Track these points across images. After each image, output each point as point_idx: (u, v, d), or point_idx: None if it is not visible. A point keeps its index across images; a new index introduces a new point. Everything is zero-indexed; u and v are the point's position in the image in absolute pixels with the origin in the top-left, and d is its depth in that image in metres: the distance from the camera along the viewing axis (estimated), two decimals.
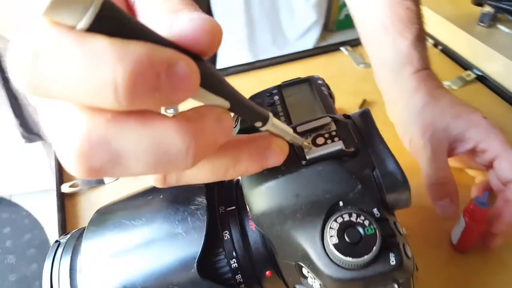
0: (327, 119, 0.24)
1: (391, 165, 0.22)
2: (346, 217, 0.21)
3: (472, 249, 0.41)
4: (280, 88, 0.31)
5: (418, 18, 0.46)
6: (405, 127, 0.43)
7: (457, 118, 0.40)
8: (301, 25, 1.92)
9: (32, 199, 1.53)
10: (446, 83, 0.61)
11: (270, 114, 0.19)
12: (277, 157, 0.20)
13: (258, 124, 0.19)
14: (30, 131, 0.73)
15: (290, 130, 0.21)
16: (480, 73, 0.61)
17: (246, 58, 1.83)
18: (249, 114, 0.18)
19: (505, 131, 0.54)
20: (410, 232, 0.43)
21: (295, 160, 0.22)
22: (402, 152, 0.51)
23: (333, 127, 0.24)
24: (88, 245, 0.27)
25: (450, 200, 0.37)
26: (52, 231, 1.45)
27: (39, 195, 1.47)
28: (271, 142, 0.20)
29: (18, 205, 1.55)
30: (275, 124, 0.20)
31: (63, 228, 0.43)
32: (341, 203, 0.22)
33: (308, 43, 1.97)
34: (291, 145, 0.23)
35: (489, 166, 0.41)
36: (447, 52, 0.66)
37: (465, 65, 0.64)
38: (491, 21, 0.63)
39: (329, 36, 2.10)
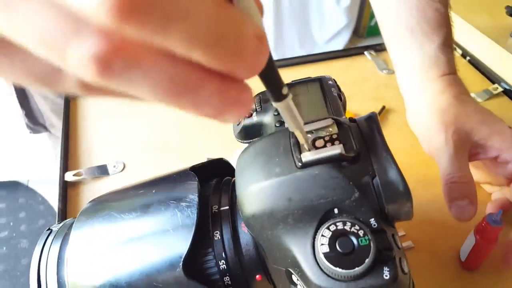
0: (329, 121, 0.22)
1: (393, 174, 0.21)
2: (340, 225, 0.20)
3: (481, 268, 0.40)
4: (289, 86, 0.30)
5: (447, 22, 0.44)
6: (426, 127, 0.41)
7: (482, 124, 0.39)
8: (330, 28, 1.90)
9: (48, 186, 1.56)
10: (471, 95, 0.59)
11: (290, 94, 0.18)
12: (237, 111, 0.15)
13: (274, 97, 0.18)
14: (35, 122, 0.73)
15: (301, 121, 0.20)
16: (507, 87, 0.59)
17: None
18: (274, 81, 0.17)
19: None
20: (417, 246, 0.41)
21: (290, 162, 0.21)
22: (419, 164, 0.49)
23: (335, 129, 0.22)
24: (77, 235, 0.27)
25: (469, 201, 0.35)
26: None
27: (56, 183, 1.50)
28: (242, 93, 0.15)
29: (34, 191, 1.58)
30: (290, 105, 0.18)
31: (63, 216, 0.43)
32: (336, 210, 0.20)
33: (337, 47, 1.94)
34: (288, 147, 0.22)
35: (510, 178, 0.39)
36: (475, 64, 0.64)
37: (492, 78, 0.61)
38: None
39: (359, 42, 2.07)
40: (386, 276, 0.19)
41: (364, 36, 2.09)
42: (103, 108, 0.57)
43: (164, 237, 0.24)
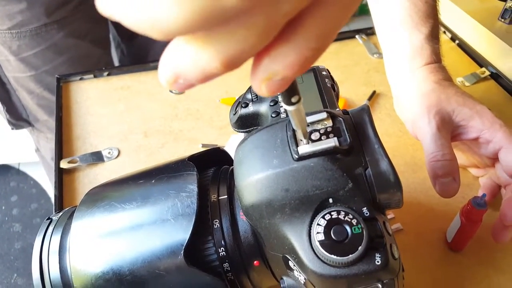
0: (324, 115, 0.23)
1: (384, 166, 0.22)
2: (334, 215, 0.21)
3: (466, 248, 0.41)
4: None
5: (434, 13, 0.45)
6: (411, 111, 0.43)
7: (463, 106, 0.40)
8: None
9: (40, 169, 1.55)
10: (459, 79, 0.60)
11: (301, 100, 0.19)
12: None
13: (287, 102, 0.19)
14: (18, 118, 0.71)
15: (306, 122, 0.22)
16: (494, 71, 0.60)
17: None
18: (290, 88, 0.18)
19: None
20: (405, 228, 0.43)
21: (287, 154, 0.22)
22: (407, 148, 0.51)
23: (330, 123, 0.23)
24: (78, 225, 0.28)
25: (452, 178, 0.37)
26: None
27: (47, 167, 1.49)
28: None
29: (26, 174, 1.57)
30: (300, 109, 0.20)
31: (60, 203, 0.43)
32: (330, 200, 0.22)
33: None
34: (285, 140, 0.23)
35: (492, 158, 0.41)
36: (463, 47, 0.65)
37: (480, 61, 0.62)
38: None
39: (351, 21, 2.07)
40: (378, 262, 0.21)
41: (356, 14, 2.08)
42: (95, 95, 0.57)
43: (166, 226, 0.25)
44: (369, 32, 0.68)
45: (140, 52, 0.76)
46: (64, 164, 0.46)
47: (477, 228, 0.39)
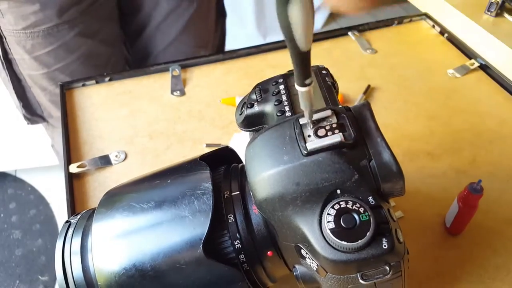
0: (329, 112, 0.25)
1: (387, 157, 0.24)
2: (343, 204, 0.23)
3: (464, 232, 0.43)
4: (285, 77, 0.32)
5: None
6: None
7: None
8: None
9: (37, 175, 1.55)
10: (450, 71, 0.62)
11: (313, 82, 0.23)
12: None
13: (300, 83, 0.22)
14: (33, 113, 0.74)
15: (313, 104, 0.24)
16: (483, 62, 0.62)
17: (255, 38, 1.83)
18: (305, 70, 0.22)
19: (504, 119, 0.55)
20: (406, 215, 0.45)
21: (296, 150, 0.24)
22: (404, 138, 0.53)
23: (334, 119, 0.25)
24: (98, 226, 0.29)
25: None
26: (57, 207, 1.48)
27: (44, 171, 1.49)
28: None
29: (23, 181, 1.57)
30: (310, 91, 0.23)
31: (72, 207, 0.45)
32: (338, 191, 0.23)
33: (316, 23, 1.96)
34: (294, 137, 0.25)
35: None
36: (453, 40, 0.67)
37: (469, 53, 0.64)
38: (499, 10, 0.63)
39: (340, 17, 2.09)
40: (385, 246, 0.22)
41: None
42: (98, 101, 0.59)
43: (184, 222, 0.26)
44: (361, 28, 0.70)
45: (142, 54, 0.78)
46: (73, 169, 0.48)
47: (474, 213, 0.41)
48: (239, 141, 0.51)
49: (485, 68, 0.62)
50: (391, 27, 0.71)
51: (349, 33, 0.69)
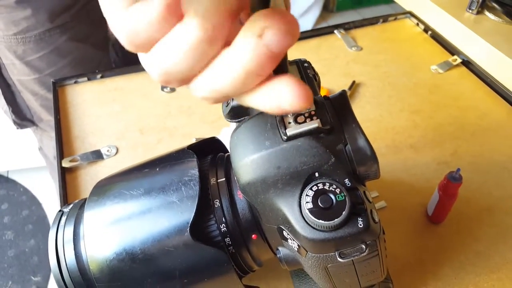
0: (311, 105, 0.26)
1: (362, 142, 0.25)
2: (320, 186, 0.24)
3: (446, 220, 0.45)
4: None
5: None
6: None
7: None
8: (301, 4, 1.93)
9: (29, 176, 1.55)
10: (433, 67, 0.64)
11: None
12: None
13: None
14: (22, 118, 0.74)
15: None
16: (465, 58, 0.64)
17: None
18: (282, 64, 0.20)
19: (485, 113, 0.57)
20: (389, 205, 0.46)
21: (277, 136, 0.25)
22: (387, 131, 0.54)
23: (313, 107, 0.26)
24: (90, 214, 0.30)
25: None
26: (50, 207, 1.48)
27: (36, 172, 1.50)
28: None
29: (15, 182, 1.57)
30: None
31: (65, 200, 0.46)
32: (316, 174, 0.25)
33: (308, 23, 1.98)
34: (274, 124, 0.26)
35: None
36: (436, 37, 0.69)
37: (452, 50, 0.66)
38: (480, 8, 0.65)
39: (329, 17, 2.11)
40: (360, 225, 0.24)
41: (334, 10, 2.12)
42: (90, 97, 0.60)
43: (172, 207, 0.28)
44: (347, 27, 0.71)
45: (130, 56, 0.79)
46: (66, 163, 0.49)
47: (454, 201, 0.43)
48: (227, 135, 0.52)
49: (467, 64, 0.64)
50: (376, 25, 0.73)
51: (335, 31, 0.70)
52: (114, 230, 0.29)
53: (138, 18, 0.17)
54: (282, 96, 0.18)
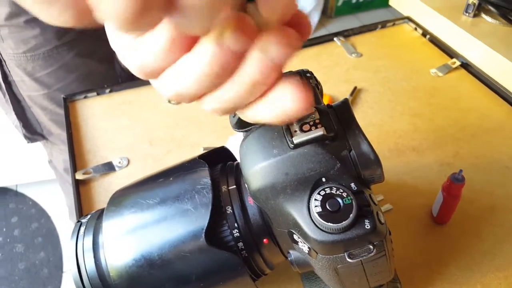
0: (312, 109, 0.28)
1: (365, 147, 0.26)
2: (328, 190, 0.25)
3: (451, 221, 0.46)
4: None
5: None
6: None
7: None
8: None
9: (37, 189, 1.57)
10: (432, 70, 0.65)
11: None
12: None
13: None
14: (33, 132, 0.76)
15: None
16: (464, 61, 0.65)
17: None
18: None
19: (485, 113, 0.58)
20: (394, 207, 0.48)
21: (284, 144, 0.27)
22: (389, 135, 0.55)
23: (317, 115, 0.28)
24: (109, 223, 0.32)
25: None
26: (59, 219, 1.50)
27: (44, 185, 1.51)
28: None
29: (24, 195, 1.59)
30: None
31: (79, 212, 0.47)
32: (323, 179, 0.26)
33: None
34: (281, 132, 0.27)
35: None
36: (434, 41, 0.70)
37: (450, 53, 0.67)
38: (476, 11, 0.66)
39: (328, 22, 2.13)
40: (367, 226, 0.25)
41: (333, 16, 2.15)
42: (100, 111, 0.62)
43: (187, 214, 0.29)
44: (346, 34, 0.73)
45: None
46: (79, 176, 0.50)
47: (458, 201, 0.44)
48: (234, 143, 0.53)
49: (466, 66, 0.65)
50: (375, 31, 0.74)
51: (335, 38, 0.72)
52: (132, 237, 0.30)
53: (144, 51, 0.18)
54: (285, 100, 0.19)
